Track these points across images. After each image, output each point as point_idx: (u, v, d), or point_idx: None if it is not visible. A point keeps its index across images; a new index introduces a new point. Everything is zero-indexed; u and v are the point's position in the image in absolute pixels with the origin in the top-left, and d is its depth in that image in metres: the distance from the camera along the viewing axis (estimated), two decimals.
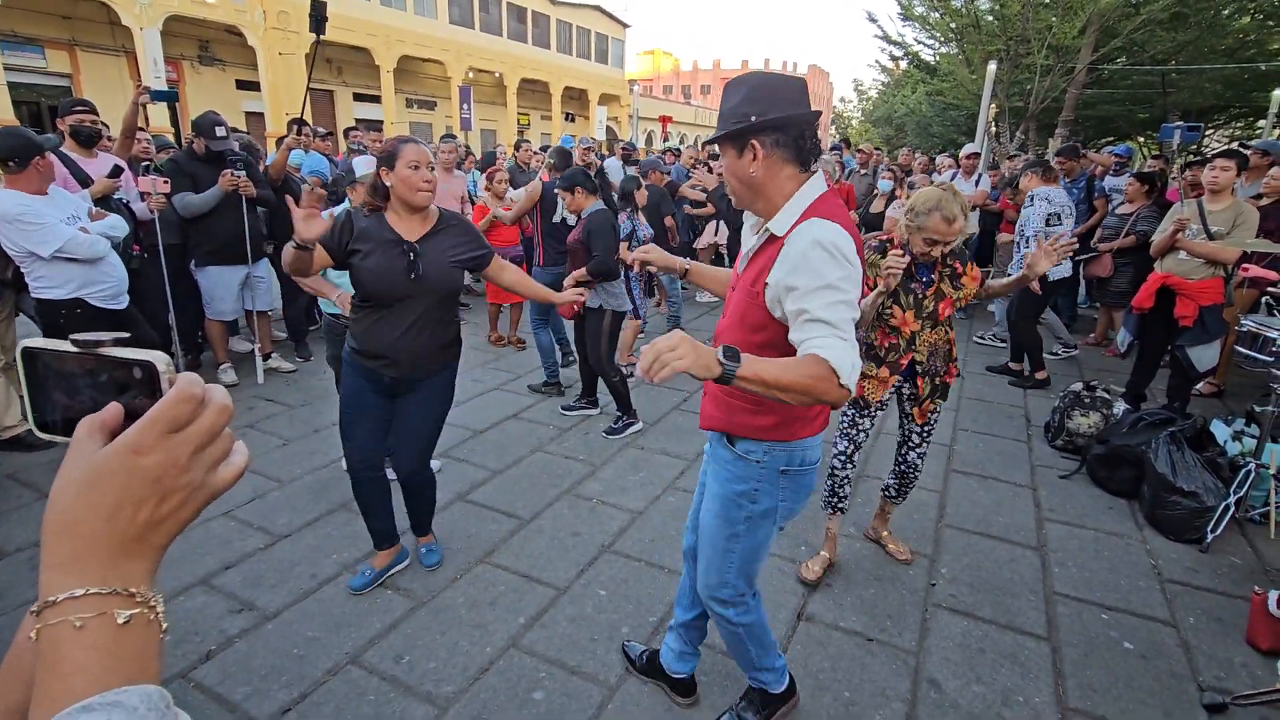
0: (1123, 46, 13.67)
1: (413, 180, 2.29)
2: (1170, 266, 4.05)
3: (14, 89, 12.97)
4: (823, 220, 1.47)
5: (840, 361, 1.34)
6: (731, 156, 1.56)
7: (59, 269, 3.13)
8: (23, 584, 2.58)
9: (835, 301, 1.40)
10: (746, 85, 1.54)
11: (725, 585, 1.83)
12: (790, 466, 1.69)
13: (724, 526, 1.77)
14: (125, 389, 0.57)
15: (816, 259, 1.42)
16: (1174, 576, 2.84)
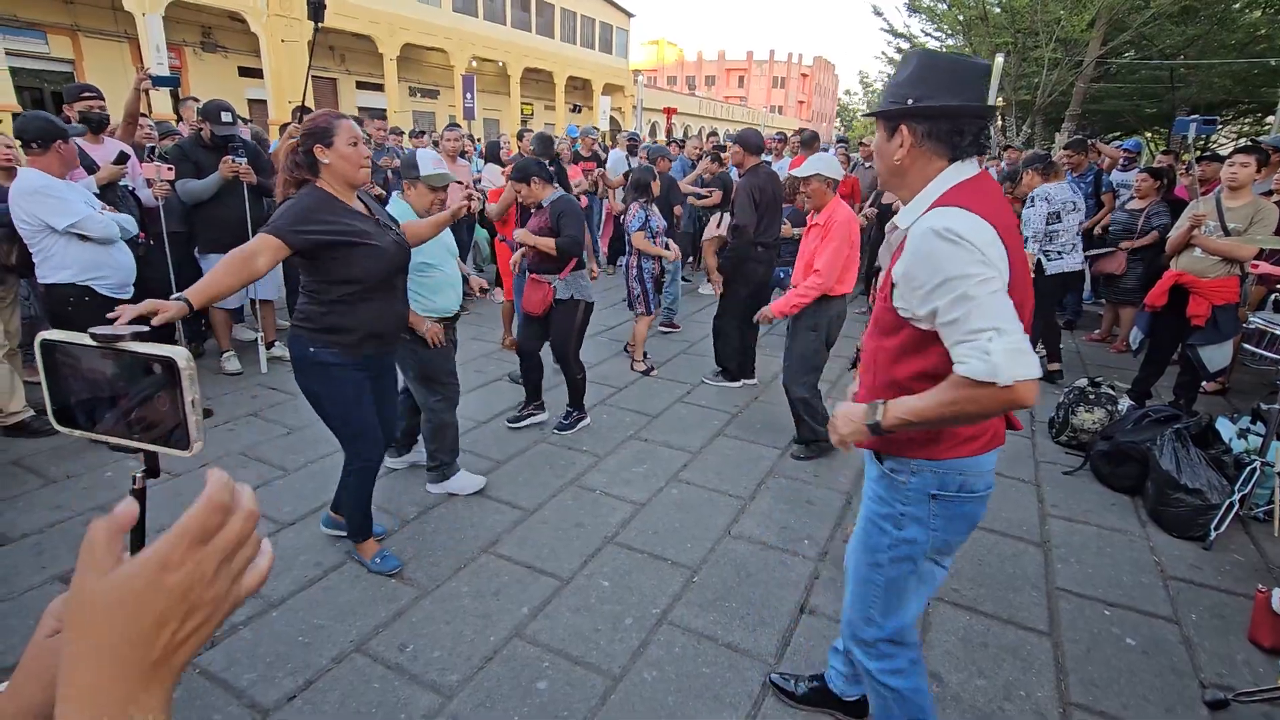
0: (1131, 40, 13.58)
1: (354, 156, 2.26)
2: (1185, 264, 4.01)
3: (16, 74, 12.91)
4: (946, 208, 1.32)
5: (980, 369, 1.19)
6: (881, 133, 1.45)
7: (69, 249, 3.15)
8: (28, 570, 2.59)
9: (961, 295, 1.23)
10: (914, 62, 1.40)
11: (869, 624, 1.63)
12: (943, 491, 1.47)
13: (866, 553, 1.61)
14: (143, 382, 0.56)
15: (934, 250, 1.27)
16: (1177, 573, 2.84)
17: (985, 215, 1.29)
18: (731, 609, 2.53)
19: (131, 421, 0.57)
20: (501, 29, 24.03)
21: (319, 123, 2.26)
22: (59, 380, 0.58)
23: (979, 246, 1.25)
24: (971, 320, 1.22)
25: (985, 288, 1.23)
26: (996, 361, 1.18)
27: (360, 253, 2.27)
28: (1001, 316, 1.21)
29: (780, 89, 64.33)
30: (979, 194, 1.35)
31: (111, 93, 4.37)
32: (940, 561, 1.58)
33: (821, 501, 3.32)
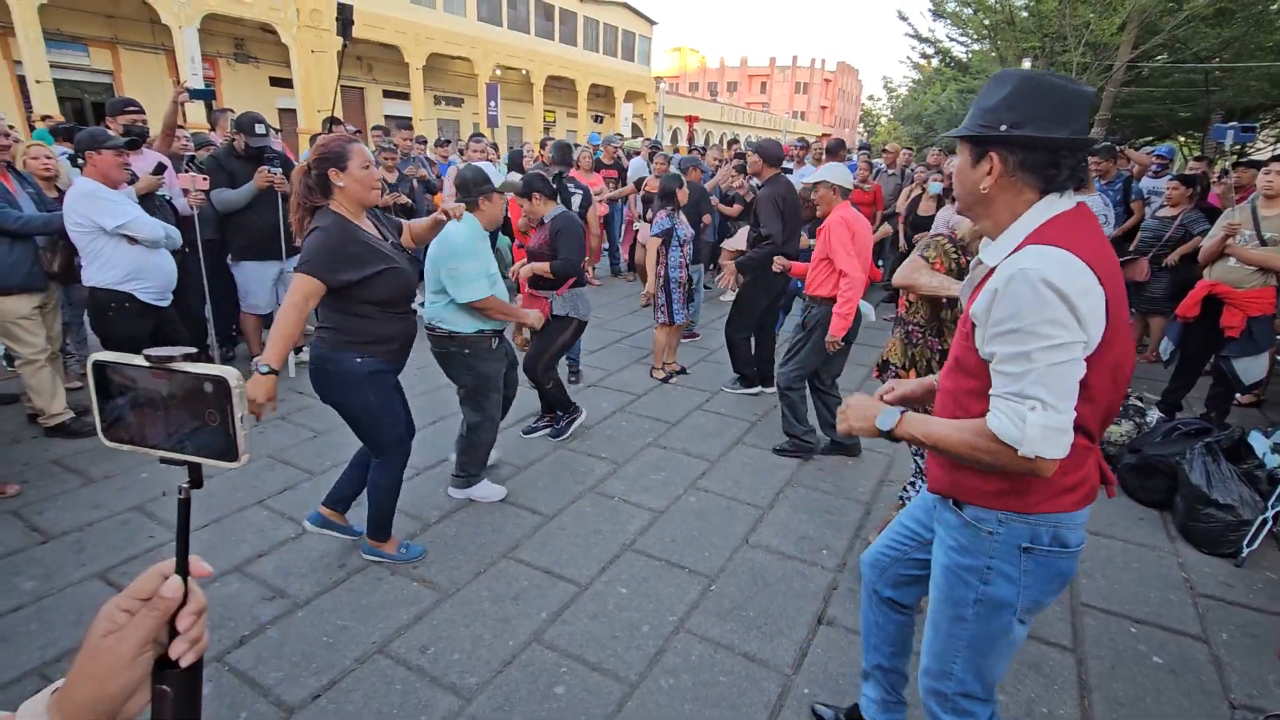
0: (1164, 43, 13.30)
1: (367, 180, 2.37)
2: (1219, 274, 3.93)
3: (59, 86, 13.37)
4: (1044, 247, 1.19)
5: (1010, 432, 1.16)
6: (965, 157, 1.34)
7: (117, 251, 3.30)
8: (69, 566, 2.69)
9: (1022, 354, 1.16)
10: (1012, 84, 1.27)
11: (949, 678, 1.51)
12: (1035, 545, 1.36)
13: (947, 606, 1.48)
14: (192, 402, 0.60)
15: (1016, 294, 1.18)
16: (1207, 591, 2.78)
17: (1085, 257, 1.18)
18: (749, 618, 2.53)
19: (181, 436, 0.62)
20: (525, 37, 24.31)
21: (333, 148, 2.33)
22: (109, 398, 0.63)
23: (1069, 298, 1.15)
24: (1022, 383, 1.17)
25: (1051, 356, 1.16)
26: (1029, 434, 1.15)
27: (386, 277, 2.40)
28: (1055, 391, 1.16)
29: (803, 94, 64.10)
30: (1077, 231, 1.23)
31: (148, 102, 4.52)
32: (1026, 621, 1.45)
33: (840, 512, 3.31)
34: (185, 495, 0.64)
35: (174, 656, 0.61)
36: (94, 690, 0.57)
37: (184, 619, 0.62)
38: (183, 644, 0.61)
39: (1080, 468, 1.33)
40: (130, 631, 0.59)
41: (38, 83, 12.54)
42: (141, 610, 0.60)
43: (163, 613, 0.60)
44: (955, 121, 21.26)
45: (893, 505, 2.73)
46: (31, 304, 3.54)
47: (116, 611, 0.60)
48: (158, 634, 0.60)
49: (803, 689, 2.21)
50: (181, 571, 0.63)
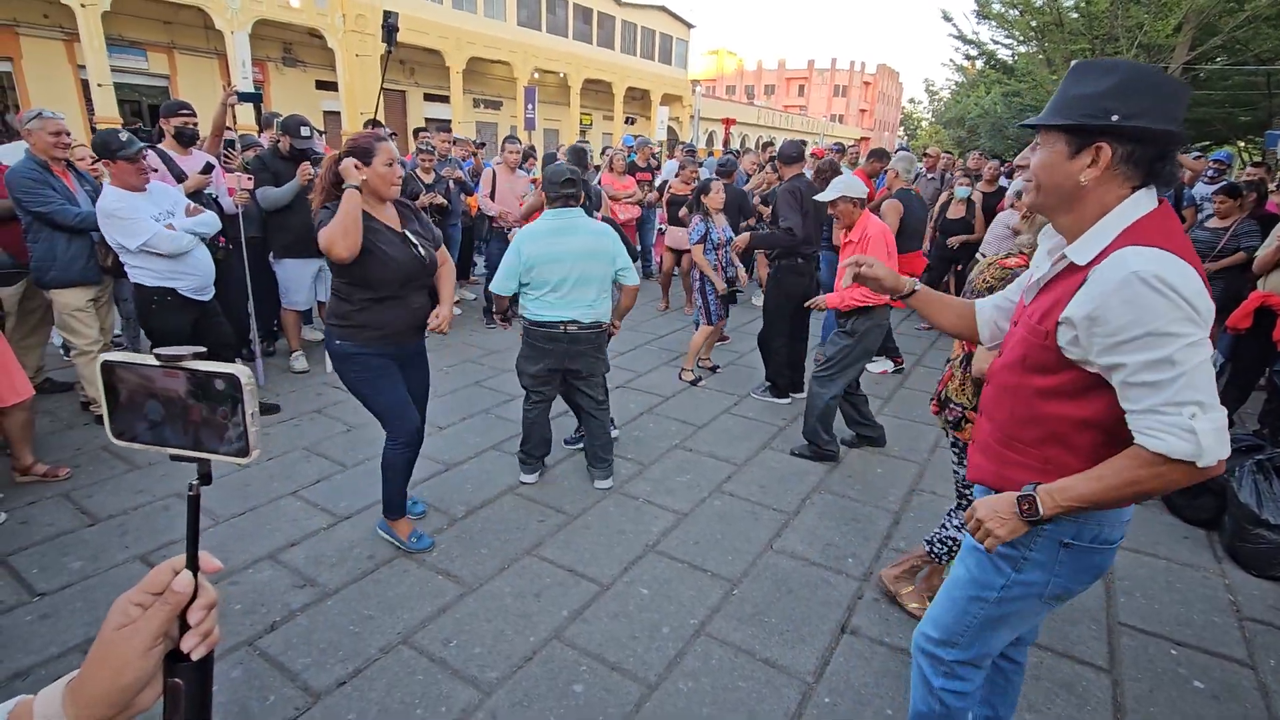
0: (1223, 44, 12.78)
1: (389, 176, 2.52)
2: (1275, 284, 3.77)
3: (119, 89, 14.00)
4: (1145, 249, 1.15)
5: (1183, 449, 1.09)
6: (1059, 151, 1.25)
7: (148, 259, 3.39)
8: (113, 549, 2.80)
9: (1165, 359, 1.11)
10: (1119, 73, 1.20)
11: (951, 647, 1.55)
12: (1078, 541, 1.36)
13: (971, 585, 1.50)
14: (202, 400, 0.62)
15: (1138, 298, 1.12)
16: (1254, 615, 2.66)
17: (1186, 259, 1.14)
18: (771, 624, 2.51)
19: (192, 434, 0.63)
20: (563, 41, 24.56)
21: (361, 143, 2.51)
22: (119, 399, 0.65)
23: (1190, 300, 1.10)
24: (1174, 390, 1.11)
25: (1194, 354, 1.11)
26: (1205, 443, 1.09)
27: (374, 260, 2.50)
28: (1206, 390, 1.11)
29: (841, 97, 63.32)
30: (1170, 233, 1.18)
31: (202, 105, 4.70)
32: (1051, 605, 1.47)
33: (867, 520, 3.25)
34: (195, 492, 0.65)
35: (185, 650, 0.62)
36: (107, 682, 0.59)
37: (195, 613, 0.63)
38: (194, 637, 0.63)
39: None
40: (143, 625, 0.60)
41: (99, 86, 13.14)
42: (154, 604, 0.61)
43: (173, 607, 0.62)
44: (999, 125, 20.76)
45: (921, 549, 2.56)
46: (87, 296, 3.70)
47: (129, 606, 0.61)
48: (169, 628, 0.62)
49: (824, 698, 2.17)
50: (192, 566, 0.64)
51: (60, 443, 3.70)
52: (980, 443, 1.50)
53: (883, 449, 4.03)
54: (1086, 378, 1.25)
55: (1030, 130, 1.35)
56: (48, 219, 3.48)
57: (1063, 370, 1.27)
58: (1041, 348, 1.29)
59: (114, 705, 0.59)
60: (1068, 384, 1.27)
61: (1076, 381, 1.26)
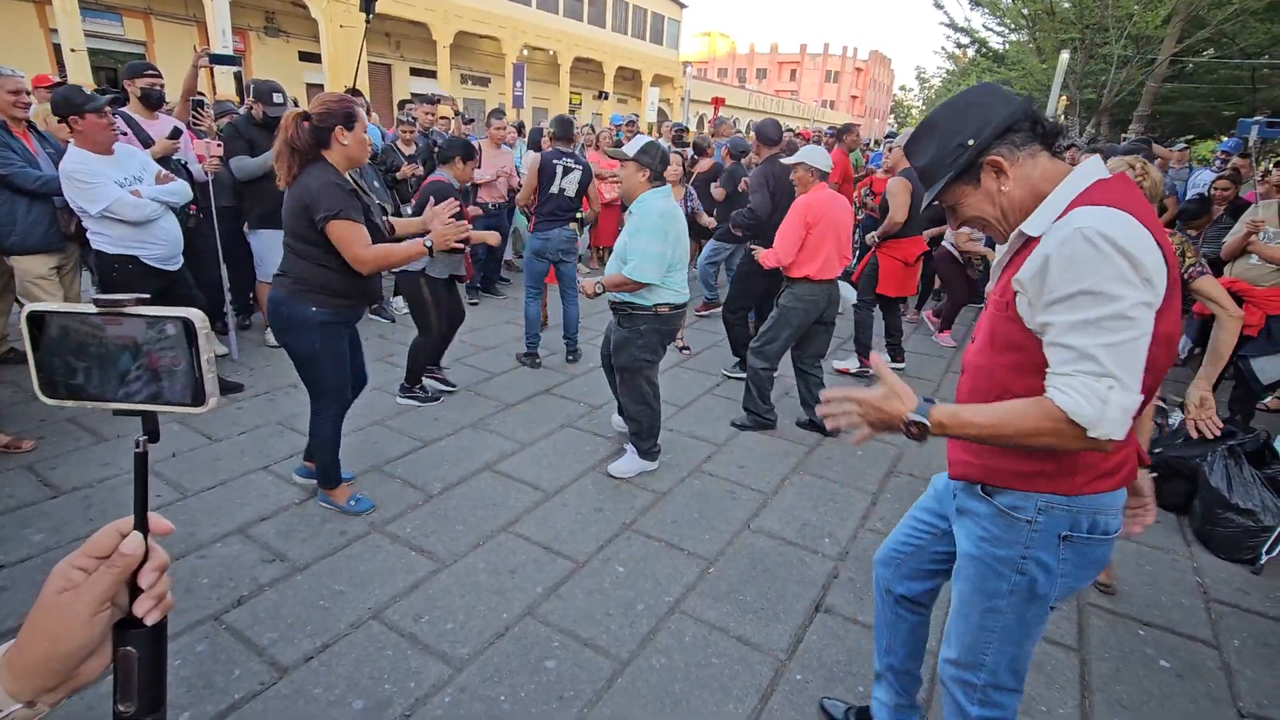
0: (1210, 38, 12.85)
1: (365, 143, 2.57)
2: (1239, 271, 3.82)
3: (93, 55, 13.55)
4: (1095, 207, 1.12)
5: (1077, 409, 1.05)
6: (969, 191, 1.31)
7: (109, 225, 3.26)
8: (76, 521, 2.74)
9: (1093, 319, 1.07)
10: (939, 125, 1.31)
11: (980, 669, 1.45)
12: (1076, 532, 1.30)
13: (980, 599, 1.42)
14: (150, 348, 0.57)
15: (1076, 254, 1.08)
16: (1221, 597, 2.70)
17: (1140, 217, 1.10)
18: (745, 602, 2.51)
19: (137, 386, 0.59)
20: (553, 18, 24.14)
21: (345, 107, 2.46)
22: (50, 353, 0.59)
23: (1135, 255, 1.06)
24: (1101, 358, 1.06)
25: (1127, 327, 1.06)
26: (1110, 415, 1.05)
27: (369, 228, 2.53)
28: (1131, 370, 1.06)
29: (833, 83, 63.04)
30: (1125, 195, 1.16)
31: (178, 72, 4.53)
32: (1056, 607, 1.43)
33: (846, 501, 3.26)
34: (142, 449, 0.61)
35: (139, 614, 0.58)
36: (46, 649, 0.55)
37: (146, 575, 0.59)
38: (148, 600, 0.59)
39: (1127, 445, 1.27)
40: (87, 589, 0.56)
41: (72, 51, 12.72)
42: (100, 568, 0.57)
43: (121, 570, 0.58)
44: None
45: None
46: (49, 264, 3.59)
47: (71, 570, 0.57)
48: (116, 593, 0.58)
49: (796, 675, 2.18)
50: (141, 528, 0.60)
51: (24, 414, 3.60)
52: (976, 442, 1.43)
53: None
54: None
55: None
56: (6, 181, 3.35)
57: (1027, 343, 1.23)
58: (1005, 319, 1.27)
59: (55, 674, 0.55)
60: (1035, 359, 1.22)
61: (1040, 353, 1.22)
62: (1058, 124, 1.29)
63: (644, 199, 3.11)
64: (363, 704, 1.97)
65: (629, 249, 3.07)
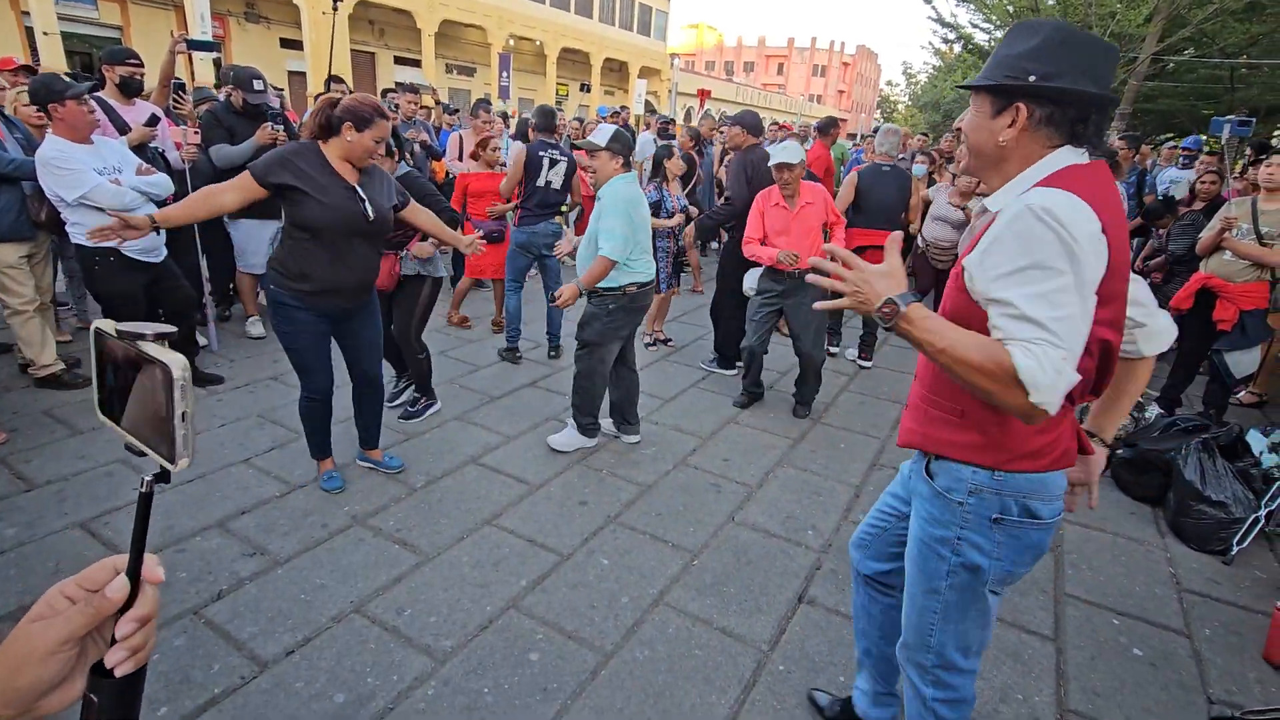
0: (1191, 37, 12.99)
1: (370, 149, 2.57)
2: (1214, 267, 3.88)
3: (66, 39, 13.23)
4: (1049, 189, 1.13)
5: (1030, 371, 1.04)
6: (983, 110, 1.26)
7: (87, 216, 3.18)
8: (50, 515, 2.69)
9: (1041, 293, 1.07)
10: (1043, 34, 1.20)
11: (927, 650, 1.50)
12: (1005, 515, 1.33)
13: (921, 578, 1.47)
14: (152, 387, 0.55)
15: (1026, 230, 1.10)
16: (1193, 587, 2.76)
17: (1094, 204, 1.12)
18: (729, 594, 2.52)
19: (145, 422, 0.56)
20: (540, 8, 23.91)
21: (365, 111, 2.50)
22: (104, 370, 0.58)
23: (1072, 233, 1.08)
24: (1058, 330, 1.06)
25: (1075, 300, 1.08)
26: (1059, 386, 1.04)
27: (311, 203, 2.49)
28: (1074, 345, 1.08)
29: (820, 77, 63.11)
30: (1091, 181, 1.17)
31: (158, 60, 4.43)
32: (999, 592, 1.44)
33: (829, 493, 3.28)
34: (147, 489, 0.57)
35: (109, 665, 0.54)
36: (3, 676, 0.52)
37: (124, 625, 0.55)
38: (120, 652, 0.54)
39: (1055, 427, 1.29)
40: (57, 625, 0.53)
41: (45, 34, 12.40)
42: (78, 604, 0.54)
43: (96, 612, 0.54)
44: None
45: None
46: (19, 253, 3.50)
47: (58, 597, 0.54)
48: (89, 632, 0.54)
49: (778, 665, 2.20)
50: (132, 573, 0.56)
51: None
52: (910, 406, 1.48)
53: (845, 426, 4.07)
54: None
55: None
56: None
57: (975, 317, 1.21)
58: (959, 291, 1.27)
59: (7, 704, 0.52)
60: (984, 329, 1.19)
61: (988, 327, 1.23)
62: (1106, 146, 1.24)
63: (611, 184, 3.22)
64: (344, 697, 1.96)
65: (600, 230, 3.18)
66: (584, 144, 3.28)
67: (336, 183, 2.56)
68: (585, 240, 3.31)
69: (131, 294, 3.39)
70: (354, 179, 2.61)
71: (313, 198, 2.49)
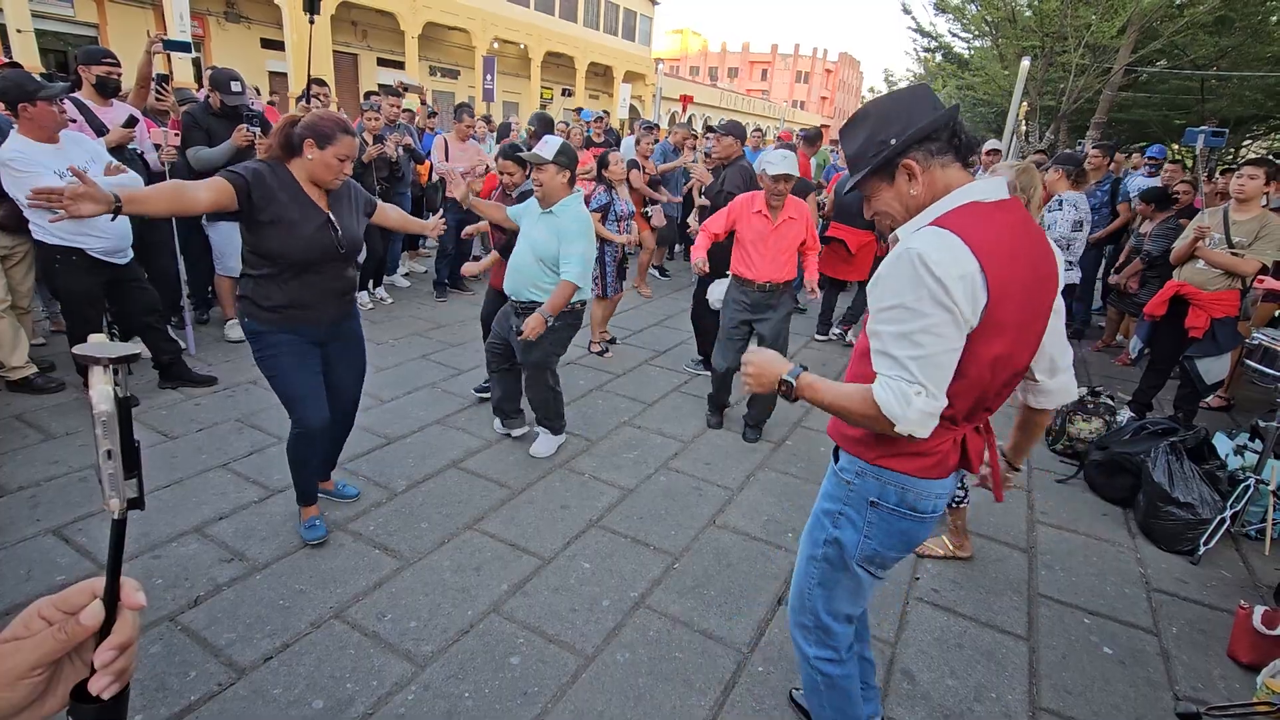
0: (1163, 49, 13.33)
1: (334, 169, 2.37)
2: (1187, 275, 3.98)
3: (41, 36, 13.00)
4: (936, 229, 1.25)
5: (886, 404, 1.23)
6: (885, 188, 1.39)
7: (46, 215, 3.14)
8: (23, 522, 2.64)
9: (906, 332, 1.23)
10: (870, 117, 1.38)
11: (806, 612, 1.67)
12: (882, 501, 1.48)
13: (806, 545, 1.66)
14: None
15: (897, 272, 1.24)
16: (1162, 586, 2.83)
17: (974, 243, 1.21)
18: (710, 597, 2.54)
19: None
20: (524, 11, 23.90)
21: (325, 127, 2.32)
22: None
23: (945, 281, 1.19)
24: (912, 368, 1.23)
25: (937, 342, 1.22)
26: (910, 416, 1.22)
27: (279, 232, 2.31)
28: (936, 381, 1.24)
29: (803, 84, 63.70)
30: (985, 221, 1.26)
31: (132, 58, 4.38)
32: (873, 571, 1.58)
33: (809, 496, 3.31)
34: (120, 515, 0.55)
35: (93, 692, 0.53)
36: None
37: (103, 653, 0.53)
38: (104, 678, 0.53)
39: (931, 440, 1.40)
40: (27, 649, 0.51)
41: (19, 32, 12.18)
42: (52, 628, 0.53)
43: (69, 638, 0.53)
44: None
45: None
46: None
47: (35, 618, 0.53)
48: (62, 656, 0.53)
49: (758, 666, 2.22)
50: (108, 599, 0.54)
51: None
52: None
53: (825, 430, 4.11)
54: None
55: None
56: None
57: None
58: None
59: None
60: None
61: None
62: (973, 139, 1.39)
63: (568, 203, 3.15)
64: (323, 703, 1.95)
65: (564, 255, 3.08)
66: (530, 157, 3.11)
67: (310, 212, 2.38)
68: (528, 261, 3.16)
69: (93, 293, 3.35)
70: (324, 204, 2.44)
71: (283, 225, 2.31)
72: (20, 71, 3.10)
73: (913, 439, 1.29)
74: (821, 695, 1.72)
